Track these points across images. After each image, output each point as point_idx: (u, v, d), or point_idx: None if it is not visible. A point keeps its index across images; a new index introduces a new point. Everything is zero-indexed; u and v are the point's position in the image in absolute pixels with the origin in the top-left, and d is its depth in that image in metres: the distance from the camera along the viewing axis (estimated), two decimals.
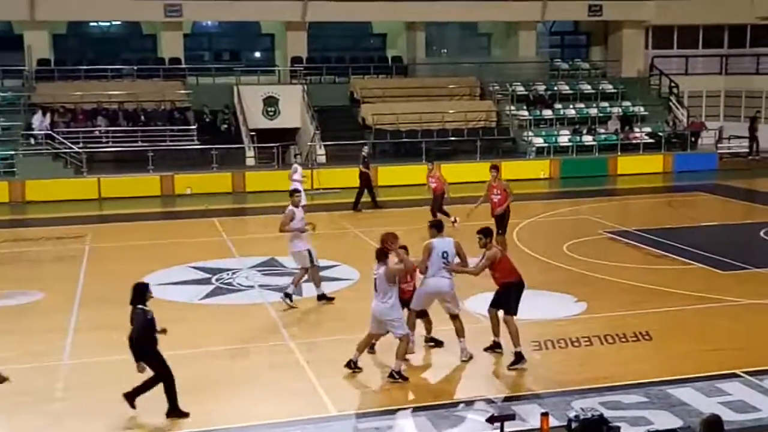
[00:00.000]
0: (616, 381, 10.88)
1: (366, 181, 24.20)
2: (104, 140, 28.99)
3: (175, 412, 9.95)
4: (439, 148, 30.49)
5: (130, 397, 9.97)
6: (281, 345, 12.72)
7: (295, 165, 24.52)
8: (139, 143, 28.78)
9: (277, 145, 29.21)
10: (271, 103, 31.05)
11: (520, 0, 34.67)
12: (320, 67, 33.94)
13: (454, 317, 11.89)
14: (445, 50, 38.31)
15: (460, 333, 11.84)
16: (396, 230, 12.23)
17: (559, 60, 37.83)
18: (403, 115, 31.62)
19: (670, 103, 34.78)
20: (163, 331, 10.10)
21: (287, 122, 30.83)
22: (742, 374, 11.00)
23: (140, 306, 9.94)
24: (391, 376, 11.03)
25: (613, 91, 34.59)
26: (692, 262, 17.26)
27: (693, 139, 32.75)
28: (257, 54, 37.25)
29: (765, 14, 34.85)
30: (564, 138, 31.73)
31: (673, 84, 35.08)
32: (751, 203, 24.67)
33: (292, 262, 15.42)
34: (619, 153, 31.22)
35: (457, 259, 11.85)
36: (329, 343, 12.77)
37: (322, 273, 15.72)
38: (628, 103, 34.01)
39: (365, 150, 25.07)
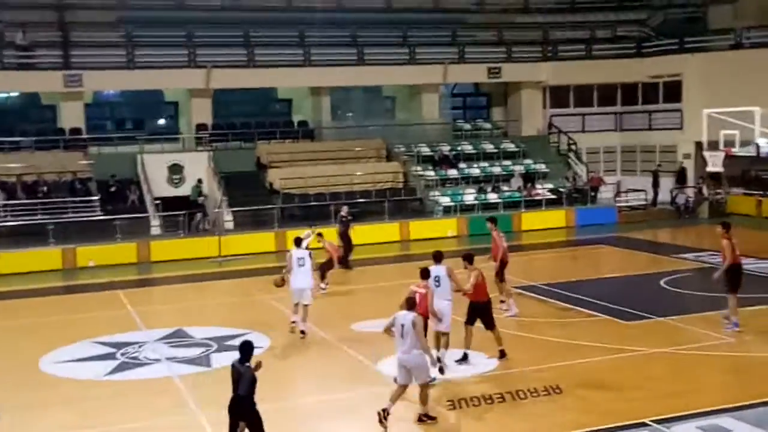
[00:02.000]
0: None
1: (347, 242, 23.93)
2: (2, 214, 28.07)
3: None
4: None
5: None
6: (190, 420, 12.36)
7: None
8: (39, 216, 27.97)
9: (183, 213, 28.84)
10: (176, 170, 30.72)
11: (423, 64, 35.47)
12: (226, 133, 33.84)
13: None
14: (351, 114, 38.75)
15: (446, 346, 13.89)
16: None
17: (461, 120, 38.69)
18: (311, 178, 31.70)
19: (569, 160, 35.86)
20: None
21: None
22: (650, 423, 11.21)
23: (248, 364, 9.83)
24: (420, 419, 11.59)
25: (514, 149, 35.50)
26: (597, 313, 17.63)
27: (593, 193, 33.78)
28: (161, 121, 36.93)
29: (654, 73, 36.54)
30: (469, 196, 32.29)
31: (571, 141, 36.22)
32: (651, 254, 25.44)
33: (200, 332, 15.14)
34: (523, 209, 31.92)
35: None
36: None
37: (232, 342, 15.50)
38: (529, 161, 34.92)
39: (344, 210, 24.92)
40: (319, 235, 20.97)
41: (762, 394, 11.92)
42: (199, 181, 30.12)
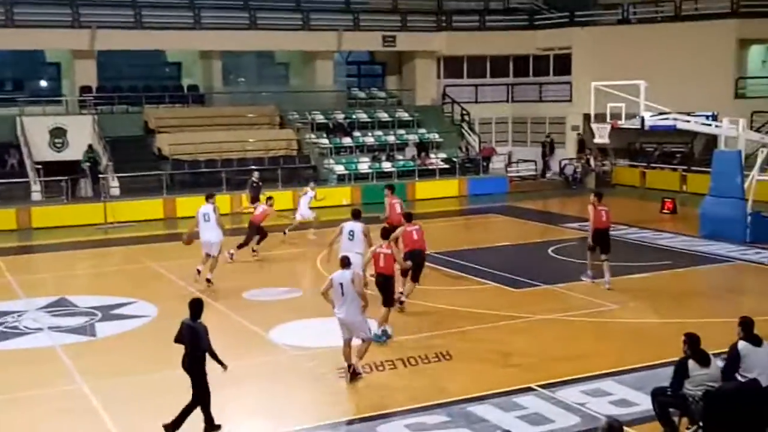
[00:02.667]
0: (419, 402, 11.00)
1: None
2: None
3: (211, 427, 10.17)
4: (240, 177, 30.07)
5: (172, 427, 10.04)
6: (74, 390, 11.91)
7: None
8: None
9: (66, 178, 27.73)
10: (58, 134, 29.43)
11: (317, 30, 35.05)
12: (112, 97, 32.63)
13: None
14: (243, 79, 38.00)
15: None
16: (193, 261, 11.82)
17: (356, 89, 38.50)
18: (201, 144, 30.96)
19: (463, 130, 36.22)
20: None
21: (77, 154, 29.29)
22: (536, 387, 11.44)
23: (200, 321, 10.24)
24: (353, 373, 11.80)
25: (408, 119, 35.59)
26: (488, 281, 17.89)
27: (485, 163, 34.25)
28: (43, 83, 35.33)
29: (545, 46, 37.20)
30: (364, 165, 32.25)
31: (464, 112, 36.57)
32: (539, 223, 25.99)
33: (84, 301, 14.60)
34: (416, 178, 32.10)
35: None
36: (126, 384, 12.11)
37: (118, 311, 15.05)
38: (423, 131, 35.10)
39: (255, 175, 24.79)
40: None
41: (642, 359, 12.32)
42: (90, 147, 28.92)
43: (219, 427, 10.23)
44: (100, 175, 28.18)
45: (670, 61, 31.97)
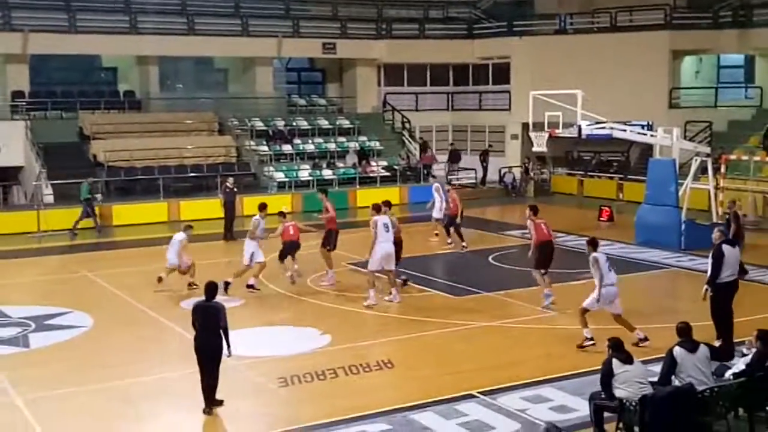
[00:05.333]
0: (361, 411, 10.93)
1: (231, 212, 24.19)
2: None
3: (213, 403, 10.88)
4: (178, 184, 29.70)
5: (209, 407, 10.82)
6: (6, 402, 11.54)
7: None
8: None
9: None
10: None
11: (256, 36, 34.79)
12: (45, 102, 31.92)
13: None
14: (181, 85, 37.52)
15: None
16: (129, 270, 11.62)
17: (296, 96, 38.31)
18: (138, 151, 30.45)
19: (403, 138, 36.32)
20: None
21: (8, 160, 28.53)
22: (477, 394, 11.47)
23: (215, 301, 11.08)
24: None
25: (349, 126, 35.54)
26: (429, 289, 17.93)
27: (425, 171, 34.38)
28: None
29: (484, 55, 37.55)
30: (304, 172, 32.08)
31: (405, 119, 36.67)
32: (479, 230, 26.12)
33: (17, 311, 14.19)
34: (357, 186, 32.04)
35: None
36: (60, 397, 11.78)
37: (52, 321, 14.81)
38: (364, 138, 35.09)
39: (230, 181, 24.73)
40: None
41: (581, 365, 12.44)
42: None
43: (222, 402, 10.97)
44: (34, 183, 27.46)
45: (606, 71, 32.57)
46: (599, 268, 13.36)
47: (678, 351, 9.79)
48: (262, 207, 18.06)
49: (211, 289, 11.08)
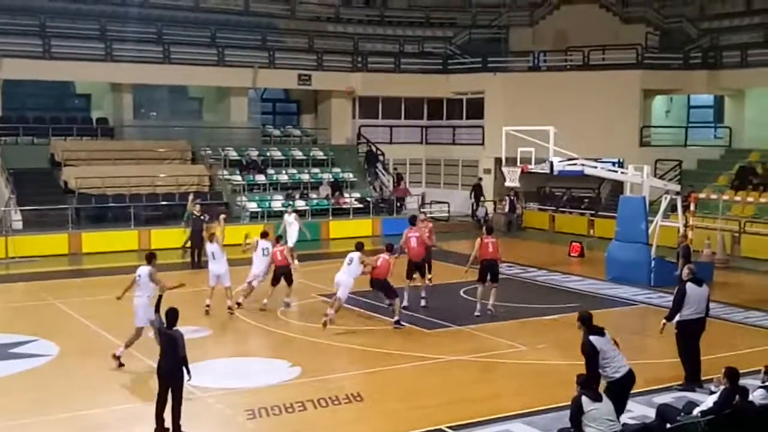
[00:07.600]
0: None
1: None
2: None
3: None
4: (149, 213, 29.49)
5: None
6: None
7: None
8: None
9: None
10: None
11: (232, 66, 34.84)
12: (17, 128, 31.65)
13: None
14: (155, 113, 37.42)
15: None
16: (98, 299, 11.46)
17: (271, 126, 38.32)
18: (109, 178, 30.23)
19: (377, 170, 36.39)
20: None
21: None
22: (446, 429, 11.40)
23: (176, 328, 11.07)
24: None
25: (323, 157, 35.56)
26: (402, 323, 17.84)
27: (398, 204, 34.44)
28: None
29: (459, 90, 37.87)
30: (277, 203, 32.00)
31: (379, 152, 36.79)
32: (451, 264, 26.11)
33: None
34: (330, 217, 32.01)
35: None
36: (23, 427, 11.56)
37: (17, 349, 14.70)
38: (338, 170, 35.11)
39: (197, 208, 24.50)
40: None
41: (551, 400, 12.40)
42: None
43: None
44: (3, 209, 27.17)
45: (578, 109, 32.92)
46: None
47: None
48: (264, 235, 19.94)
49: (171, 316, 11.14)
